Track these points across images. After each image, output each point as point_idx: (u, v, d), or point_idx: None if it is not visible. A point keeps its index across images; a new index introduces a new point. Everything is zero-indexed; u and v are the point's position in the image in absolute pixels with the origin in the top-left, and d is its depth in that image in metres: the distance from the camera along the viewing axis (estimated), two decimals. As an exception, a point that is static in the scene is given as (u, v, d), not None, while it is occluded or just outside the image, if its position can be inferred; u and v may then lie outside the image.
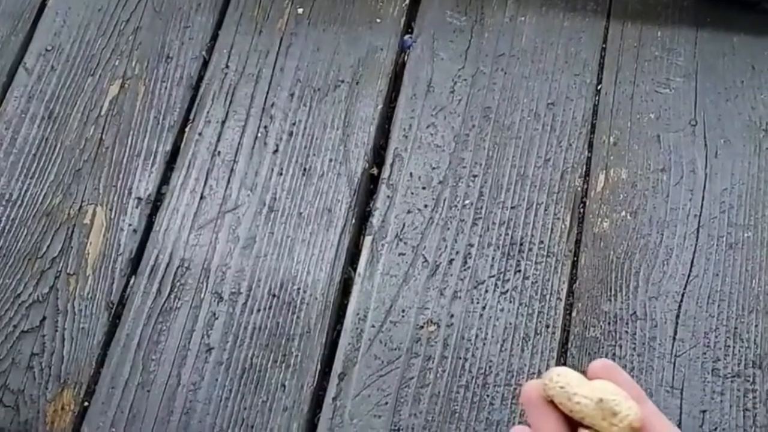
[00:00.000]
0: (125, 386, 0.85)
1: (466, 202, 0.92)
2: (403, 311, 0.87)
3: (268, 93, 0.99)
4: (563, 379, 0.39)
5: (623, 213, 0.90)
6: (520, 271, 0.88)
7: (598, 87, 0.97)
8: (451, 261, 0.89)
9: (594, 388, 0.39)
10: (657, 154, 0.93)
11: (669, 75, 0.96)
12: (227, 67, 1.01)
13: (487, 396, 0.83)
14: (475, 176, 0.93)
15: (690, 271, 0.87)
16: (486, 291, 0.87)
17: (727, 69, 0.96)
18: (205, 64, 1.02)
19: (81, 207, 0.94)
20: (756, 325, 0.85)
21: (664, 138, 0.93)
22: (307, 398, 0.84)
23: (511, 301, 0.87)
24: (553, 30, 0.99)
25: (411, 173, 0.94)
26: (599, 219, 0.90)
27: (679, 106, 0.94)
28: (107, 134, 0.98)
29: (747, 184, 0.91)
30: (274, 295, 0.88)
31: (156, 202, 0.94)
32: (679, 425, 0.81)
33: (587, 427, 0.39)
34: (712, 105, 0.94)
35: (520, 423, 0.81)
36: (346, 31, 1.02)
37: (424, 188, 0.93)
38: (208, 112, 0.98)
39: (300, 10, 1.04)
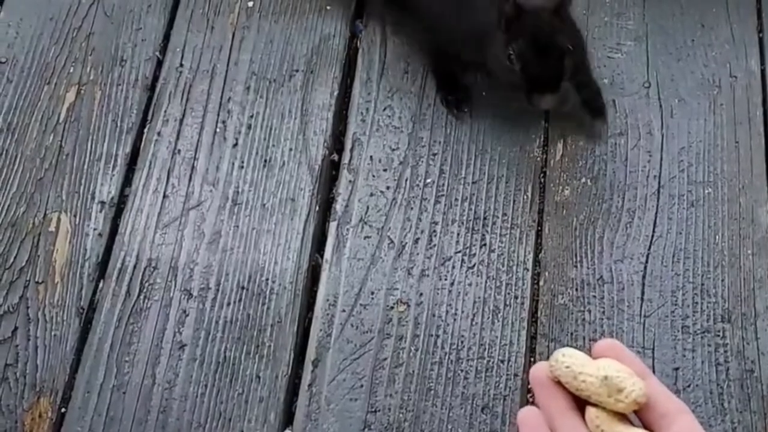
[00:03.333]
0: (101, 390, 0.85)
1: (428, 180, 0.92)
2: (373, 293, 0.87)
3: (224, 88, 0.99)
4: (568, 359, 0.40)
5: (583, 179, 0.91)
6: (485, 244, 0.89)
7: (551, 56, 0.97)
8: (416, 240, 0.89)
9: (599, 366, 0.40)
10: (613, 118, 0.93)
11: (620, 39, 0.97)
12: (181, 65, 1.01)
13: (461, 371, 0.84)
14: (434, 154, 0.93)
15: (653, 231, 0.88)
16: (453, 267, 0.88)
17: (676, 29, 0.97)
18: (160, 64, 1.02)
19: (45, 215, 0.94)
20: (722, 280, 0.86)
21: (619, 102, 0.94)
22: (282, 387, 0.84)
23: (478, 275, 0.87)
24: (502, 3, 0.99)
25: (371, 156, 0.94)
26: (560, 187, 0.91)
27: (631, 70, 0.95)
28: (67, 141, 0.98)
29: (704, 141, 0.92)
30: (243, 288, 0.88)
31: (119, 205, 0.94)
32: (653, 384, 0.82)
33: (594, 405, 0.39)
34: (665, 66, 0.95)
35: (530, 404, 0.82)
36: (297, 20, 1.02)
37: (385, 170, 0.93)
38: (165, 112, 0.98)
39: (250, 4, 1.04)
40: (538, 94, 0.81)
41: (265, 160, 0.95)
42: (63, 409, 0.85)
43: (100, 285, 0.90)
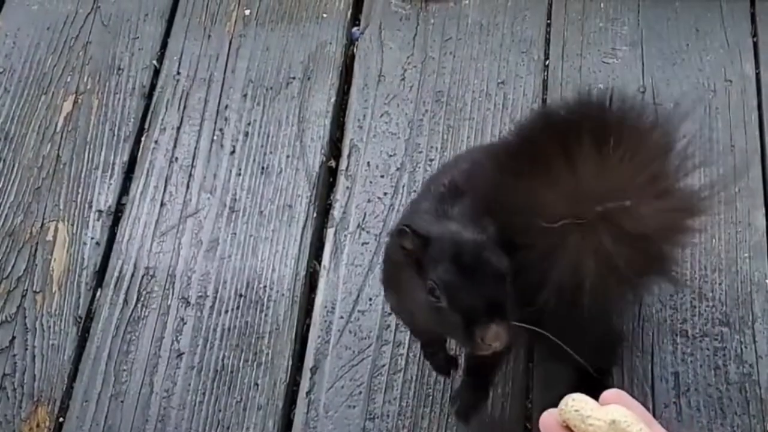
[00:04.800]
0: (98, 399, 0.84)
1: (425, 186, 0.92)
2: (371, 300, 0.87)
3: (221, 96, 0.99)
4: (578, 403, 0.42)
5: (580, 184, 0.91)
6: (483, 250, 0.89)
7: (546, 62, 0.98)
8: (414, 246, 0.89)
9: (607, 411, 0.41)
10: (609, 123, 0.93)
11: (615, 44, 0.97)
12: (179, 73, 1.01)
13: (460, 377, 0.83)
14: (432, 160, 0.93)
15: (650, 235, 0.88)
16: (451, 273, 0.88)
17: (671, 33, 0.97)
18: (157, 72, 1.02)
19: (43, 224, 0.94)
20: (720, 284, 0.86)
21: (615, 107, 0.94)
22: (281, 395, 0.84)
23: (476, 281, 0.87)
24: (497, 10, 1.00)
25: (368, 162, 0.94)
26: (557, 192, 0.91)
27: (626, 75, 0.95)
28: (64, 150, 0.98)
29: (699, 145, 0.92)
30: (241, 295, 0.88)
31: (117, 213, 0.94)
32: (652, 389, 0.82)
33: None
34: (660, 70, 0.95)
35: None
36: (294, 28, 1.03)
37: (382, 176, 0.93)
38: (162, 120, 0.98)
39: (247, 12, 1.04)
40: (480, 327, 0.59)
41: (263, 168, 0.95)
42: (61, 419, 0.84)
43: (98, 294, 0.90)
